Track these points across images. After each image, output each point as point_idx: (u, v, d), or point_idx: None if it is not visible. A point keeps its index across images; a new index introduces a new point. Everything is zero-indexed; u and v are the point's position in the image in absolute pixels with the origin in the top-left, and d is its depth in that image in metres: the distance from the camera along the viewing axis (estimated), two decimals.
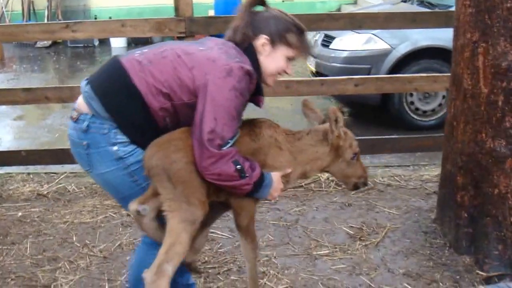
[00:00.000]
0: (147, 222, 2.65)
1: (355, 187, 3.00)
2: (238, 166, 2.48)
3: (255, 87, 2.62)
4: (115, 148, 2.51)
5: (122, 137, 2.52)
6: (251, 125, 2.77)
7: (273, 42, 2.64)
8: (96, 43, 13.63)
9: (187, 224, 2.52)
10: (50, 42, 13.64)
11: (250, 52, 2.63)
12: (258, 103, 2.78)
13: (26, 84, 9.32)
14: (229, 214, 4.43)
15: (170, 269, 2.51)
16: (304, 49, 2.72)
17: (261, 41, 2.63)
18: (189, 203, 2.52)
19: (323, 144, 2.84)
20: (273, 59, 2.66)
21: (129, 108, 2.49)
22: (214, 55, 2.52)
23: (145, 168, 2.54)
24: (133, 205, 2.61)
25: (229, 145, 2.47)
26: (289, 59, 2.71)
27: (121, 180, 2.58)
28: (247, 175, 2.52)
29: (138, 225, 2.78)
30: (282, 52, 2.66)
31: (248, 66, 2.52)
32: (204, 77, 2.45)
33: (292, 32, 2.65)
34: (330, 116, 2.76)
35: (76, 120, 2.56)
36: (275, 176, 2.71)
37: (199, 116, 2.45)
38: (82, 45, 13.44)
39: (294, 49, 2.68)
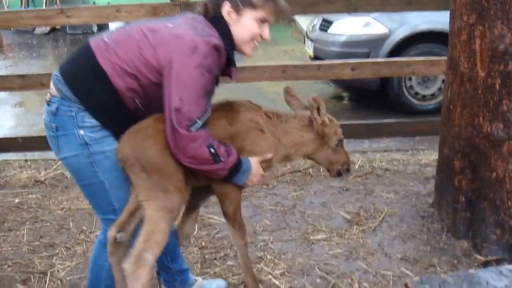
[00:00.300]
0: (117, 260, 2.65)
1: (338, 173, 2.99)
2: (212, 150, 2.44)
3: (225, 61, 2.55)
4: (82, 132, 2.46)
5: (90, 121, 2.46)
6: (230, 108, 2.71)
7: (237, 8, 2.54)
8: (95, 29, 13.55)
9: (165, 213, 2.49)
10: (48, 28, 13.59)
11: (219, 23, 2.54)
12: (230, 75, 2.66)
13: (24, 71, 9.27)
14: None
15: (150, 257, 2.48)
16: (272, 7, 2.56)
17: (226, 9, 2.55)
18: (165, 191, 2.48)
19: (309, 130, 2.82)
20: (242, 25, 2.56)
21: (95, 89, 2.44)
22: (180, 31, 2.44)
23: (119, 160, 2.51)
24: (112, 233, 2.61)
25: (198, 125, 2.40)
26: (262, 21, 2.57)
27: (82, 167, 2.52)
28: (222, 159, 2.49)
29: (109, 251, 2.68)
30: (250, 15, 2.55)
31: (215, 40, 2.43)
32: (168, 55, 2.38)
33: None
34: (311, 104, 2.74)
35: (48, 103, 2.53)
36: (254, 162, 2.68)
37: (167, 96, 2.39)
38: (80, 31, 13.38)
39: (260, 10, 2.55)
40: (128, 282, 2.49)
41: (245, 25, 2.56)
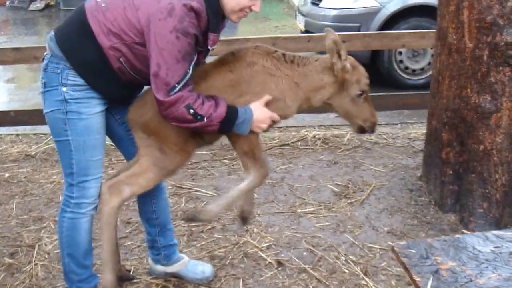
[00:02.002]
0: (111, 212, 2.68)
1: (361, 129, 2.73)
2: (190, 111, 2.40)
3: (206, 24, 2.44)
4: (64, 89, 2.46)
5: (74, 79, 2.46)
6: (232, 56, 2.62)
7: None
8: None
9: (157, 168, 2.60)
10: (43, 5, 13.37)
11: None
12: (206, 41, 2.50)
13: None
14: (214, 172, 4.37)
15: (127, 191, 2.63)
16: None
17: None
18: (162, 151, 2.58)
19: (329, 73, 2.60)
20: None
21: (81, 47, 2.43)
22: None
23: (127, 121, 2.66)
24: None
25: (176, 89, 2.36)
26: None
27: (56, 123, 2.53)
28: (205, 116, 2.43)
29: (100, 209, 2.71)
30: None
31: (194, 3, 2.35)
32: (147, 18, 2.35)
33: None
34: (331, 47, 2.54)
35: (42, 60, 2.57)
36: (257, 108, 2.55)
37: (149, 60, 2.38)
38: (75, 8, 13.16)
39: None
40: (100, 203, 2.67)
41: None
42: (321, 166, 4.45)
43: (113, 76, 2.47)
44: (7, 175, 4.53)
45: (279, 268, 3.20)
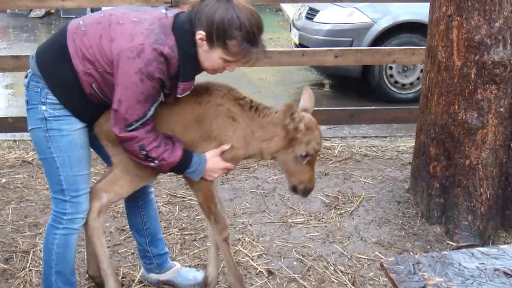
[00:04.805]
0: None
1: (293, 189, 2.70)
2: (143, 152, 2.41)
3: (177, 71, 2.37)
4: (44, 107, 2.45)
5: (52, 98, 2.44)
6: (205, 89, 2.59)
7: (210, 42, 2.30)
8: (89, 14, 13.32)
9: (129, 176, 2.64)
10: (43, 12, 13.34)
11: (188, 39, 2.34)
12: (176, 88, 2.43)
13: (18, 53, 9.02)
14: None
15: (105, 198, 2.67)
16: (245, 57, 2.34)
17: (200, 35, 2.32)
18: (131, 159, 2.54)
19: (284, 128, 2.56)
20: (209, 57, 2.36)
21: (58, 68, 2.41)
22: (137, 30, 2.32)
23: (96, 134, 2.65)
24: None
25: (133, 127, 2.35)
26: (229, 61, 2.37)
27: (39, 141, 2.52)
28: (157, 160, 2.44)
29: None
30: (220, 54, 2.33)
31: (165, 49, 2.28)
32: (118, 53, 2.31)
33: (234, 38, 2.28)
34: (284, 109, 2.50)
35: (26, 77, 2.54)
36: (212, 157, 2.56)
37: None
38: (74, 16, 13.12)
39: (232, 56, 2.34)
40: None
41: (211, 59, 2.36)
42: None
43: (85, 99, 2.44)
44: (3, 180, 4.49)
45: (270, 277, 3.20)
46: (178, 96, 2.45)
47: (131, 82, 2.28)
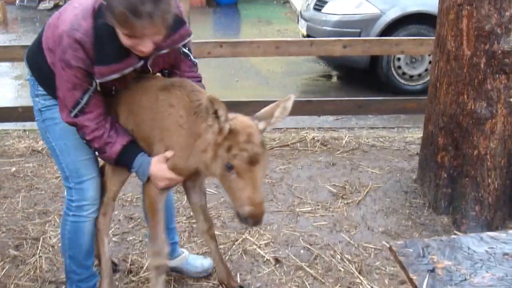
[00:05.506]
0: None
1: (237, 215, 2.16)
2: (84, 140, 2.41)
3: (95, 55, 2.23)
4: (37, 99, 2.52)
5: (41, 90, 2.50)
6: (168, 87, 2.41)
7: (112, 18, 2.12)
8: None
9: (117, 172, 2.64)
10: (52, 4, 13.37)
11: (104, 20, 2.17)
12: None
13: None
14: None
15: (104, 197, 2.70)
16: (133, 30, 2.10)
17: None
18: None
19: (206, 129, 2.14)
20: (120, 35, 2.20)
21: (38, 61, 2.45)
22: (66, 17, 2.27)
23: None
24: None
25: (73, 113, 2.32)
26: (133, 37, 2.15)
27: (41, 132, 2.61)
28: (97, 151, 2.43)
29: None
30: (118, 29, 2.16)
31: (78, 34, 2.19)
32: (54, 40, 2.32)
33: (118, 10, 2.07)
34: (206, 105, 2.06)
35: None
36: (157, 162, 2.40)
37: None
38: None
39: (122, 30, 2.14)
40: None
41: (120, 37, 2.19)
42: (320, 167, 4.44)
43: None
44: (13, 169, 4.51)
45: (277, 265, 3.20)
46: (98, 81, 2.29)
47: (58, 70, 2.30)
